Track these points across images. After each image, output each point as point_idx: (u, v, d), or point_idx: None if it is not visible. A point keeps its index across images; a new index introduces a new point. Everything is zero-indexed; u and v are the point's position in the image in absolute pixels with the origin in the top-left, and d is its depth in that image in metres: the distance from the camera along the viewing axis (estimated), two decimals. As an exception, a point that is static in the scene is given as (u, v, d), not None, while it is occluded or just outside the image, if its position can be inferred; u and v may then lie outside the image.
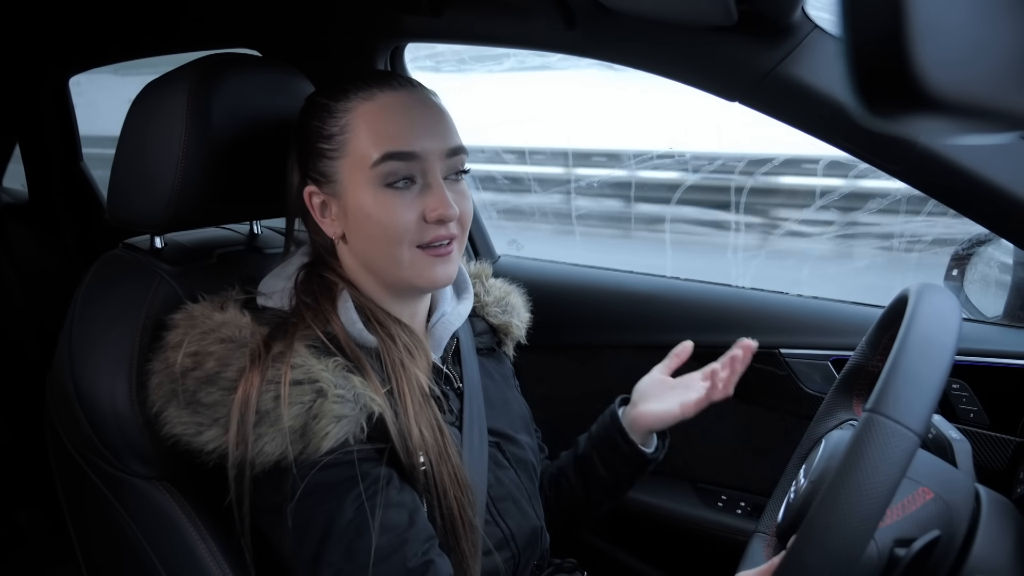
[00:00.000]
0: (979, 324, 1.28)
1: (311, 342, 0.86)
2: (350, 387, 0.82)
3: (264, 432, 0.79)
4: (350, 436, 0.81)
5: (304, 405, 0.80)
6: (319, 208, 0.93)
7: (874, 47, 0.33)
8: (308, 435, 0.79)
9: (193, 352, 0.84)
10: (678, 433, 1.57)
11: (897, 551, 0.70)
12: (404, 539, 0.82)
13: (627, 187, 2.97)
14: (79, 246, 2.20)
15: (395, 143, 0.87)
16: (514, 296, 1.18)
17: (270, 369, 0.81)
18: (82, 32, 1.85)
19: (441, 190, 0.88)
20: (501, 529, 0.98)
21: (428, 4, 1.24)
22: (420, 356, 0.92)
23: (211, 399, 0.82)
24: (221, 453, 0.81)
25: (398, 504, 0.84)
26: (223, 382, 0.82)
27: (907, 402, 0.63)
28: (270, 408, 0.79)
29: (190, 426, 0.82)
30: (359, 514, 0.81)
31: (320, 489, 0.81)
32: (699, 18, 0.94)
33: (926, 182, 0.95)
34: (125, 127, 0.99)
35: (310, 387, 0.81)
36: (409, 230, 0.88)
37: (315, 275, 0.94)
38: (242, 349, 0.83)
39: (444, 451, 0.89)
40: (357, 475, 0.82)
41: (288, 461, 0.79)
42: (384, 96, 0.89)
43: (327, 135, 0.89)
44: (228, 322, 0.86)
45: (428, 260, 0.89)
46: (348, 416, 0.81)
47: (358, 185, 0.88)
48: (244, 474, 0.80)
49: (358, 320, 0.90)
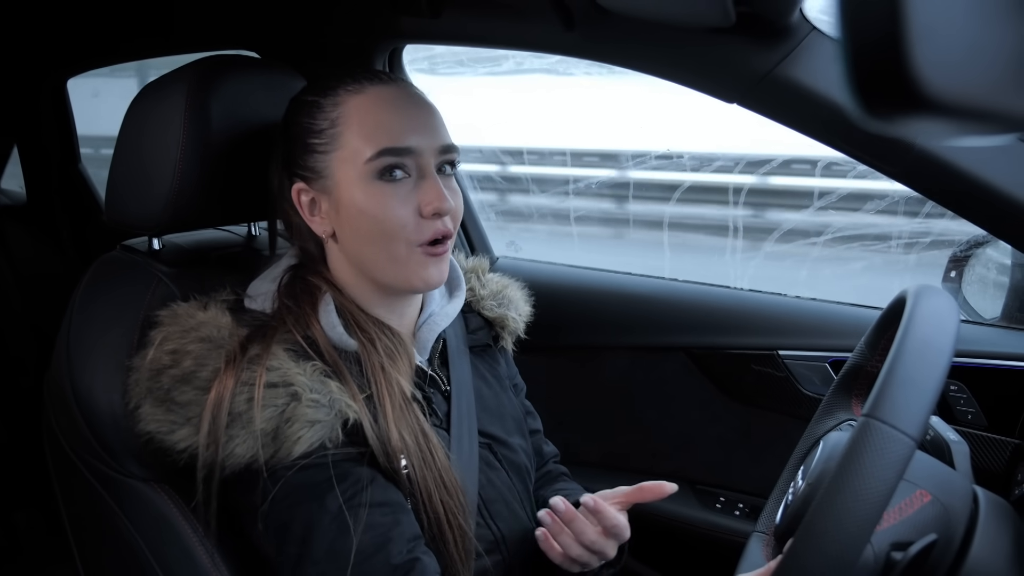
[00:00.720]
0: (977, 326, 1.28)
1: (290, 346, 0.85)
2: (326, 392, 0.82)
3: (236, 434, 0.79)
4: (325, 440, 0.81)
5: (277, 408, 0.79)
6: (308, 206, 0.91)
7: (872, 49, 0.33)
8: (280, 439, 0.79)
9: (172, 350, 0.84)
10: (676, 434, 1.57)
11: (894, 555, 0.70)
12: (388, 537, 0.82)
13: (625, 187, 2.97)
14: (77, 248, 2.20)
15: (390, 138, 0.86)
16: (512, 290, 1.16)
17: (245, 371, 0.80)
18: (80, 34, 1.85)
19: (436, 183, 0.87)
20: (492, 532, 0.97)
21: (427, 5, 1.24)
22: (402, 360, 0.91)
23: (185, 398, 0.81)
24: (192, 453, 0.81)
25: (381, 503, 0.83)
26: (198, 381, 0.82)
27: (904, 407, 0.63)
28: (243, 410, 0.79)
29: (163, 424, 0.82)
30: (341, 513, 0.81)
31: (298, 490, 0.81)
32: (697, 20, 0.94)
33: (924, 184, 0.95)
34: (123, 129, 0.99)
35: (284, 390, 0.80)
36: (406, 225, 0.87)
37: (299, 278, 0.93)
38: (219, 350, 0.83)
39: (428, 455, 0.88)
40: (340, 475, 0.81)
41: (259, 464, 0.79)
42: (374, 88, 0.88)
43: (317, 130, 0.88)
44: (208, 322, 0.86)
45: (424, 259, 0.89)
46: (322, 421, 0.80)
47: (351, 179, 0.87)
48: (213, 475, 0.80)
49: (338, 324, 0.89)
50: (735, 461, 1.50)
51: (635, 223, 3.06)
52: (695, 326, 1.49)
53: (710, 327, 1.47)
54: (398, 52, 1.54)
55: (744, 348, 1.44)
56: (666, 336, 1.51)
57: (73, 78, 2.08)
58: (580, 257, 1.73)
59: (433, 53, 1.95)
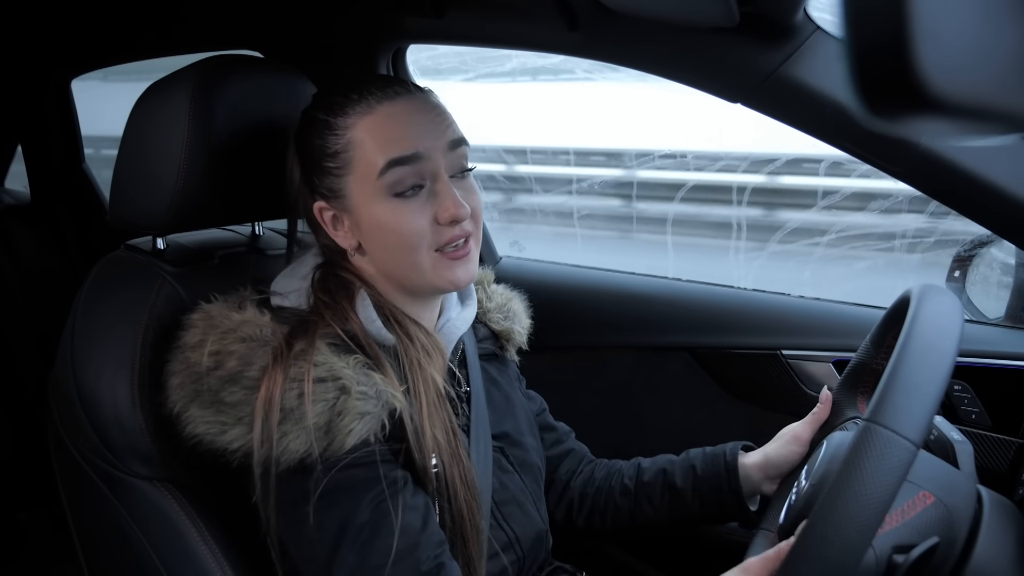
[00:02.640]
0: (981, 325, 1.28)
1: (331, 340, 0.86)
2: (372, 384, 0.83)
3: (289, 430, 0.79)
4: (372, 434, 0.82)
5: (328, 402, 0.80)
6: (331, 222, 0.93)
7: (876, 48, 0.33)
8: (332, 432, 0.80)
9: (215, 351, 0.84)
10: (680, 434, 1.57)
11: (896, 557, 0.70)
12: (417, 542, 0.82)
13: (629, 187, 2.97)
14: (81, 247, 2.20)
15: (397, 148, 0.87)
16: (515, 303, 1.18)
17: (293, 367, 0.81)
18: (84, 34, 1.85)
19: (449, 191, 0.88)
20: (506, 533, 0.98)
21: (430, 5, 1.24)
22: (437, 357, 0.92)
23: (234, 398, 0.82)
24: (246, 452, 0.81)
25: (412, 507, 0.84)
26: (246, 381, 0.82)
27: (905, 412, 0.63)
28: (294, 406, 0.79)
29: (213, 425, 0.82)
30: (375, 515, 0.81)
31: (338, 489, 0.81)
32: (701, 19, 0.94)
33: (928, 183, 0.95)
34: (127, 128, 0.99)
35: (333, 384, 0.81)
36: (425, 235, 0.88)
37: (331, 274, 0.94)
38: (264, 348, 0.83)
39: (456, 453, 0.89)
40: (378, 476, 0.82)
41: (313, 458, 0.79)
42: (383, 108, 0.88)
43: (331, 153, 0.89)
44: (248, 321, 0.86)
45: (448, 263, 0.90)
46: (371, 413, 0.81)
47: (368, 198, 0.88)
48: (270, 472, 0.80)
49: (377, 318, 0.90)
50: (738, 461, 1.49)
51: (639, 222, 3.06)
52: (698, 326, 1.48)
53: (714, 327, 1.47)
54: (402, 52, 1.54)
55: (747, 348, 1.44)
56: (669, 336, 1.51)
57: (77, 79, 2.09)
58: (583, 256, 1.73)
59: (437, 53, 1.95)
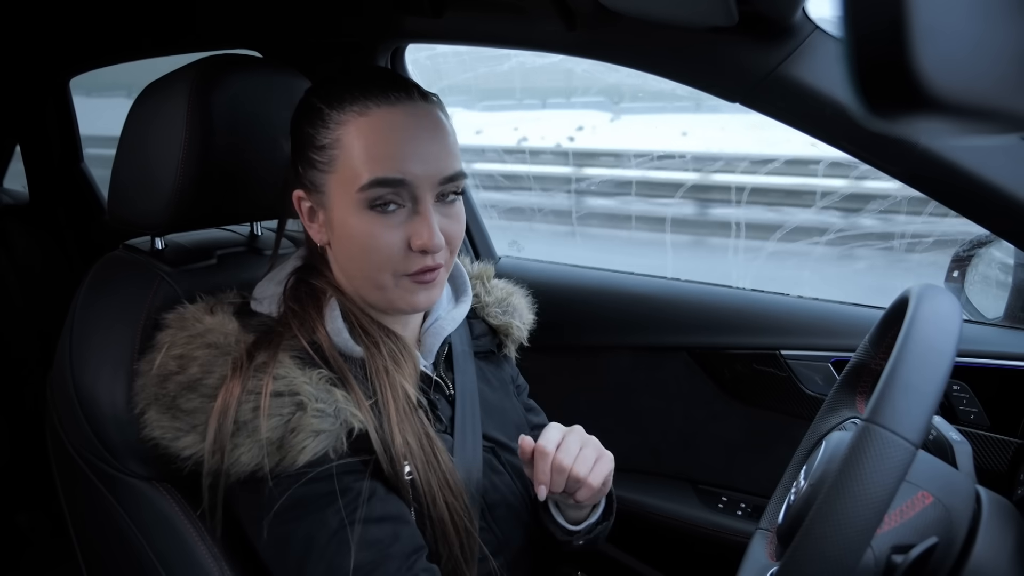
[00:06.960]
0: (980, 326, 1.28)
1: (296, 352, 0.85)
2: (332, 401, 0.81)
3: (241, 442, 0.78)
4: (329, 450, 0.80)
5: (283, 418, 0.79)
6: (307, 212, 0.91)
7: (875, 47, 0.33)
8: (285, 448, 0.79)
9: (179, 355, 0.84)
10: (678, 434, 1.57)
11: (894, 558, 0.70)
12: (387, 555, 0.81)
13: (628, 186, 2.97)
14: (79, 247, 2.20)
15: (384, 168, 0.83)
16: (516, 297, 1.15)
17: (251, 379, 0.80)
18: (83, 33, 1.85)
19: (428, 219, 0.84)
20: (495, 535, 0.97)
21: (429, 5, 1.24)
22: (406, 363, 0.90)
23: (191, 405, 0.81)
24: (197, 460, 0.81)
25: (381, 519, 0.83)
26: (204, 389, 0.81)
27: (904, 412, 0.63)
28: (248, 419, 0.79)
29: (168, 430, 0.82)
30: (341, 529, 0.80)
31: (300, 504, 0.80)
32: (700, 19, 0.94)
33: (927, 183, 0.95)
34: (126, 128, 0.99)
35: (290, 399, 0.80)
36: (393, 257, 0.85)
37: (304, 281, 0.93)
38: (225, 357, 0.83)
39: (432, 458, 0.87)
40: (336, 490, 0.81)
41: (263, 473, 0.78)
42: (379, 112, 0.84)
43: (318, 146, 0.86)
44: (214, 328, 0.86)
45: (411, 286, 0.87)
46: (327, 431, 0.80)
47: (345, 204, 0.85)
48: (219, 483, 0.80)
49: (344, 329, 0.89)
50: (737, 461, 1.50)
51: (637, 221, 3.06)
52: (697, 326, 1.48)
53: (712, 327, 1.47)
54: (400, 51, 1.54)
55: (746, 348, 1.44)
56: (668, 336, 1.51)
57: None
58: (581, 256, 1.73)
59: (436, 52, 1.95)
